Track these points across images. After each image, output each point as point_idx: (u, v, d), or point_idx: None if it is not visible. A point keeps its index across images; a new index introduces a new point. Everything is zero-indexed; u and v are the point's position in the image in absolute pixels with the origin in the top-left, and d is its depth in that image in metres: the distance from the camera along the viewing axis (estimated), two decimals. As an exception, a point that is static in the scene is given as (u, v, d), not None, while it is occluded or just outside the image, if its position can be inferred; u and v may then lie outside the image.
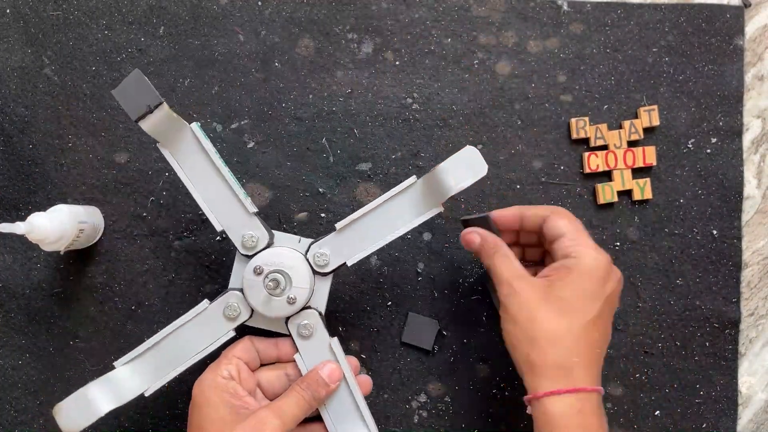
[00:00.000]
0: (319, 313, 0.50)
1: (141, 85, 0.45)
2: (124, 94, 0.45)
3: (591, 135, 0.57)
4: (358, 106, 0.57)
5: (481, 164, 0.45)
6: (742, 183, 0.58)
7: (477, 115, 0.57)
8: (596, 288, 0.45)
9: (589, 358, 0.44)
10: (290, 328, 0.49)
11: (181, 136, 0.48)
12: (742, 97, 0.58)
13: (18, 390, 0.56)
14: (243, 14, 0.57)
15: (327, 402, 0.48)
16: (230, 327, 0.49)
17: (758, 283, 0.58)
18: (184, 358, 0.48)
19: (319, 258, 0.49)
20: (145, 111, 0.45)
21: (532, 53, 0.57)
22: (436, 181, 0.46)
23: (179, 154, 0.48)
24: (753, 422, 0.58)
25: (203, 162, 0.48)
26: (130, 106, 0.45)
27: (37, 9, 0.57)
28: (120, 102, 0.45)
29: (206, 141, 0.48)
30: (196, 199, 0.48)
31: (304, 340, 0.49)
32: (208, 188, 0.48)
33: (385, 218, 0.48)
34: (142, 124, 0.45)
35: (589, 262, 0.45)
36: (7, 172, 0.57)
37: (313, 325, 0.49)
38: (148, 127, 0.46)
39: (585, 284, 0.45)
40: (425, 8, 0.57)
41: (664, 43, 0.57)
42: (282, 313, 0.48)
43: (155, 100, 0.45)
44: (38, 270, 0.56)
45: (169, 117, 0.46)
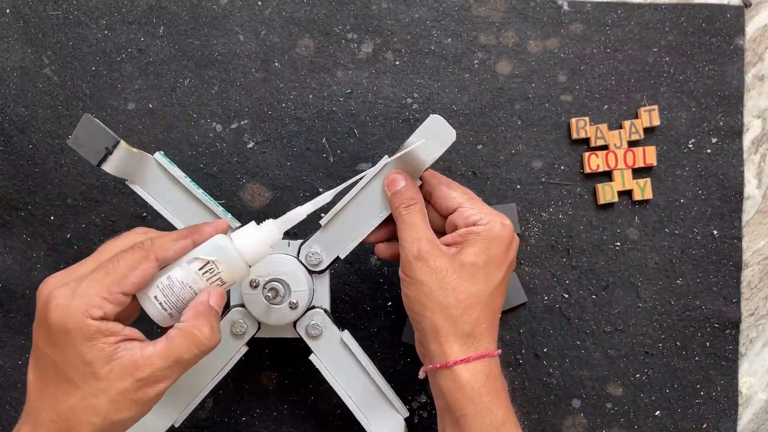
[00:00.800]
0: (324, 310, 0.50)
1: (94, 129, 0.44)
2: (79, 141, 0.44)
3: (591, 135, 0.57)
4: (358, 106, 0.57)
5: (449, 131, 0.45)
6: (742, 183, 0.58)
7: (477, 115, 0.57)
8: (503, 254, 0.45)
9: (493, 324, 0.45)
10: (299, 330, 0.50)
11: (148, 169, 0.47)
12: (742, 97, 0.58)
13: (18, 390, 0.56)
14: (243, 14, 0.57)
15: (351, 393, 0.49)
16: (241, 344, 0.50)
17: (758, 283, 0.58)
18: (202, 384, 0.49)
19: (312, 257, 0.49)
20: (105, 153, 0.44)
21: (533, 53, 0.57)
22: (407, 157, 0.46)
23: (149, 187, 0.48)
24: (753, 422, 0.58)
25: (175, 189, 0.48)
26: (88, 152, 0.44)
27: (37, 9, 0.57)
28: (77, 150, 0.44)
29: (173, 168, 0.47)
30: (177, 227, 0.48)
31: (315, 340, 0.49)
32: (185, 213, 0.48)
33: (367, 204, 0.48)
34: (104, 167, 0.44)
35: (497, 228, 0.45)
36: (7, 172, 0.57)
37: (321, 324, 0.49)
38: (111, 169, 0.45)
39: (494, 250, 0.44)
40: (425, 8, 0.57)
41: (664, 43, 0.57)
42: (286, 319, 0.48)
43: (111, 141, 0.44)
44: (38, 270, 0.56)
45: (129, 154, 0.45)
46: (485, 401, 0.42)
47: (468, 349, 0.43)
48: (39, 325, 0.38)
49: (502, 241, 0.45)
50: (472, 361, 0.43)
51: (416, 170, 0.46)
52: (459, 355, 0.43)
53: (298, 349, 0.51)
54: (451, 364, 0.43)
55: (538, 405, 0.57)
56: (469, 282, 0.43)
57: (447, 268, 0.43)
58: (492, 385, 0.43)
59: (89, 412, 0.36)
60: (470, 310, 0.43)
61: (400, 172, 0.46)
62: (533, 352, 0.57)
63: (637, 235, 0.57)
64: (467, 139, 0.57)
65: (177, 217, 0.48)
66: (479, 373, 0.43)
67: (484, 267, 0.44)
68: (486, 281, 0.44)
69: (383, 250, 0.49)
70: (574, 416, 0.57)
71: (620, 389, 0.57)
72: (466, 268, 0.43)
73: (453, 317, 0.43)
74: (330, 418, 0.57)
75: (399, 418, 0.49)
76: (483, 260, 0.44)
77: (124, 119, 0.57)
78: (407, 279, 0.44)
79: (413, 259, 0.44)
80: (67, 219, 0.56)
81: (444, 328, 0.43)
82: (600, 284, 0.57)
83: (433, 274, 0.43)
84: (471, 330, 0.43)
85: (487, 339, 0.44)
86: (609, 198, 0.57)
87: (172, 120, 0.57)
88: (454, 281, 0.43)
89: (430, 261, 0.43)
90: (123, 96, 0.57)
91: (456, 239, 0.45)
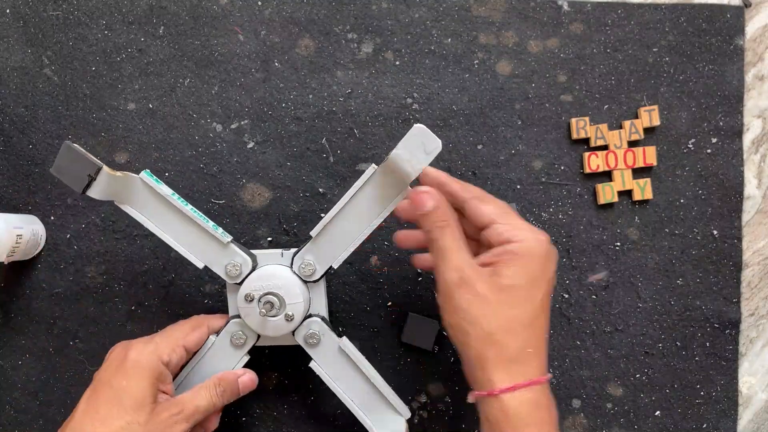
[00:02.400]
0: (321, 318, 0.50)
1: (76, 157, 0.44)
2: (61, 170, 0.44)
3: (591, 135, 0.57)
4: (358, 106, 0.57)
5: (434, 141, 0.43)
6: (742, 183, 0.58)
7: (477, 115, 0.57)
8: (541, 271, 0.43)
9: (539, 346, 0.42)
10: (297, 339, 0.50)
11: (135, 189, 0.47)
12: (742, 97, 0.58)
13: (18, 390, 0.56)
14: (243, 14, 0.57)
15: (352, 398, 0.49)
16: (242, 353, 0.50)
17: (759, 283, 0.58)
18: None
19: (305, 268, 0.48)
20: (88, 180, 0.44)
21: (533, 53, 0.57)
22: (393, 168, 0.45)
23: (139, 206, 0.48)
24: (753, 422, 0.58)
25: (164, 207, 0.48)
26: (72, 180, 0.44)
27: (37, 9, 0.57)
28: (60, 178, 0.44)
29: (160, 186, 0.47)
30: (171, 244, 0.48)
31: (314, 348, 0.50)
32: (177, 230, 0.48)
33: (357, 213, 0.47)
34: (90, 194, 0.44)
35: (533, 245, 0.42)
36: (7, 172, 0.57)
37: (319, 332, 0.49)
38: (97, 194, 0.45)
39: (531, 269, 0.42)
40: (425, 8, 0.57)
41: (664, 43, 0.57)
42: (283, 331, 0.49)
43: (93, 168, 0.44)
44: (38, 270, 0.56)
45: (113, 178, 0.45)
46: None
47: (514, 376, 0.41)
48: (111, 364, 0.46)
49: (539, 258, 0.42)
50: (519, 389, 0.41)
51: (403, 181, 0.45)
52: (505, 383, 0.41)
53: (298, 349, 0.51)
54: (497, 393, 0.40)
55: (538, 405, 0.57)
56: (509, 305, 0.41)
57: (488, 293, 0.41)
58: (540, 416, 0.41)
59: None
60: (514, 334, 0.41)
61: (427, 190, 0.44)
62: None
63: (637, 235, 0.57)
64: (467, 139, 0.57)
65: (168, 234, 0.48)
66: (526, 402, 0.40)
67: (524, 288, 0.42)
68: (528, 302, 0.42)
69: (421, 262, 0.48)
70: (574, 416, 0.57)
71: (620, 389, 0.57)
72: (506, 291, 0.41)
73: (497, 343, 0.41)
74: (330, 418, 0.57)
75: (401, 420, 0.49)
76: (522, 281, 0.42)
77: (124, 119, 0.57)
78: (448, 306, 0.42)
79: (454, 287, 0.42)
80: (67, 219, 0.56)
81: (488, 355, 0.41)
82: (600, 284, 0.57)
83: (475, 300, 0.41)
84: (516, 355, 0.41)
85: (535, 364, 0.42)
86: (609, 198, 0.57)
87: (172, 120, 0.57)
88: (495, 306, 0.41)
89: (471, 287, 0.41)
90: (123, 96, 0.57)
91: (492, 259, 0.43)
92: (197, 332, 0.49)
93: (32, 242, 0.54)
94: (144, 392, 0.44)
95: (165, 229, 0.48)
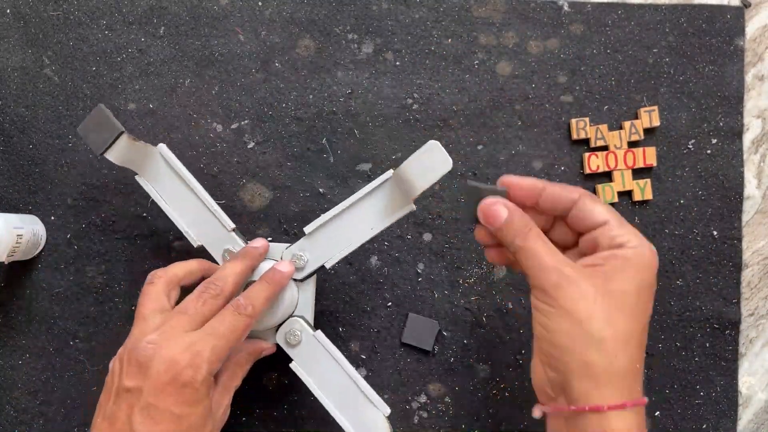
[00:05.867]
0: (303, 319, 0.50)
1: (102, 119, 0.47)
2: (87, 130, 0.48)
3: (591, 135, 0.57)
4: (358, 107, 0.57)
5: (445, 159, 0.43)
6: (742, 183, 0.58)
7: (477, 115, 0.57)
8: (650, 283, 0.39)
9: (643, 363, 0.39)
10: (278, 339, 0.50)
11: (151, 161, 0.49)
12: (742, 98, 0.58)
13: (18, 390, 0.56)
14: (243, 14, 0.57)
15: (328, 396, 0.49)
16: None
17: (758, 284, 0.58)
18: None
19: (297, 261, 0.48)
20: (109, 144, 0.47)
21: (533, 54, 0.57)
22: (401, 181, 0.45)
23: (151, 178, 0.49)
24: (753, 422, 0.58)
25: (176, 182, 0.49)
26: (94, 140, 0.47)
27: (37, 9, 0.57)
28: (84, 139, 0.48)
29: (176, 161, 0.49)
30: (173, 219, 0.49)
31: (293, 348, 0.49)
32: (184, 207, 0.49)
33: (359, 217, 0.47)
34: (108, 156, 0.48)
35: (646, 253, 0.38)
36: (7, 172, 0.57)
37: (299, 332, 0.49)
38: (114, 158, 0.48)
39: (641, 278, 0.38)
40: (426, 9, 0.57)
41: (664, 44, 0.57)
42: (266, 324, 0.48)
43: (115, 131, 0.47)
44: (38, 270, 0.56)
45: (132, 145, 0.48)
46: None
47: (621, 393, 0.37)
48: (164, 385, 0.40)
49: (652, 269, 0.39)
50: (629, 407, 0.37)
51: (409, 194, 0.45)
52: (613, 399, 0.36)
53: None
54: (605, 409, 0.36)
55: (538, 405, 0.57)
56: (621, 312, 0.37)
57: (596, 295, 0.37)
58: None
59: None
60: (627, 346, 0.37)
61: (497, 201, 0.40)
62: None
63: (637, 235, 0.57)
64: (467, 139, 0.57)
65: (174, 208, 0.49)
66: (632, 425, 0.37)
67: (634, 297, 0.38)
68: (640, 313, 0.38)
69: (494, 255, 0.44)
70: (574, 416, 0.57)
71: (620, 389, 0.57)
72: (616, 296, 0.37)
73: (609, 353, 0.37)
74: (330, 418, 0.57)
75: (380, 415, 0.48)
76: (634, 289, 0.38)
77: (124, 119, 0.57)
78: (548, 309, 0.38)
79: (553, 288, 0.38)
80: (67, 219, 0.56)
81: (597, 363, 0.36)
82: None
83: (581, 302, 0.37)
84: (627, 370, 0.37)
85: (639, 382, 0.38)
86: (609, 198, 0.57)
87: (173, 120, 0.57)
88: (605, 311, 0.37)
89: (576, 286, 0.37)
90: (123, 96, 0.57)
91: (598, 261, 0.39)
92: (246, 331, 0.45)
93: (32, 242, 0.54)
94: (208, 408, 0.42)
95: (172, 203, 0.49)
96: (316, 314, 0.55)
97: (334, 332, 0.57)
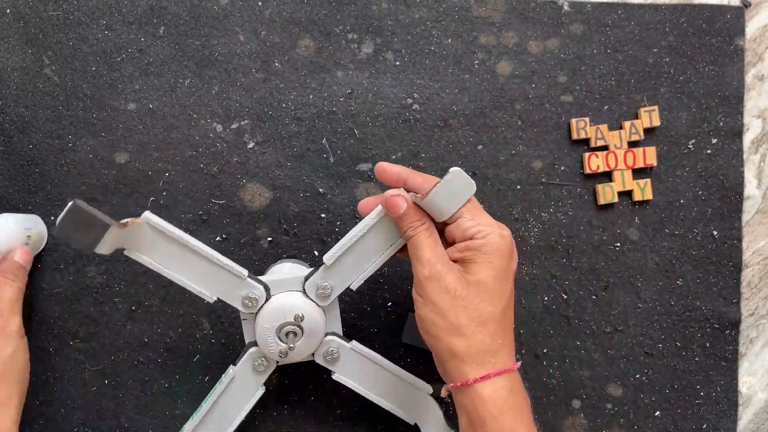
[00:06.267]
0: (337, 335, 0.50)
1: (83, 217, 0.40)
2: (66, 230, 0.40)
3: (591, 135, 0.57)
4: (358, 107, 0.57)
5: (470, 184, 0.44)
6: (742, 183, 0.58)
7: (477, 115, 0.57)
8: (507, 266, 0.44)
9: (509, 337, 0.44)
10: (317, 359, 0.50)
11: (142, 234, 0.45)
12: (742, 98, 0.58)
13: (18, 390, 0.56)
14: (243, 14, 0.57)
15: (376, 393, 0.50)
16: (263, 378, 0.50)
17: (758, 283, 0.58)
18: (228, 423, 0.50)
19: (321, 292, 0.48)
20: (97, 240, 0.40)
21: (533, 54, 0.57)
22: (430, 209, 0.45)
23: (147, 250, 0.45)
24: (753, 422, 0.58)
25: (174, 246, 0.45)
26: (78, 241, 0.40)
27: (37, 9, 0.57)
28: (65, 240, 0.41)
29: (167, 226, 0.45)
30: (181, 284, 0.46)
31: (334, 364, 0.50)
32: (189, 268, 0.46)
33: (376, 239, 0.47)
34: (98, 251, 0.41)
35: (497, 240, 0.43)
36: (7, 172, 0.56)
37: (337, 349, 0.50)
38: (105, 250, 0.42)
39: (498, 264, 0.43)
40: (426, 8, 0.57)
41: (664, 44, 0.57)
42: (304, 355, 0.49)
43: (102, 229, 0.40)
44: (38, 270, 0.56)
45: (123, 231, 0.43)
46: (507, 419, 0.42)
47: (486, 366, 0.42)
48: None
49: (503, 252, 0.44)
50: (493, 377, 0.42)
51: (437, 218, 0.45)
52: (478, 373, 0.42)
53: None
54: (471, 382, 0.42)
55: (538, 405, 0.57)
56: (479, 299, 0.43)
57: (457, 287, 0.43)
58: (514, 401, 0.42)
59: None
60: (484, 327, 0.42)
61: (398, 194, 0.45)
62: (533, 353, 0.57)
63: (637, 235, 0.57)
64: (467, 139, 0.57)
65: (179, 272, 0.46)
66: (501, 389, 0.42)
67: (493, 282, 0.43)
68: (497, 296, 0.43)
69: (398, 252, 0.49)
70: (574, 417, 0.57)
71: (620, 390, 0.57)
72: (473, 285, 0.43)
73: (466, 336, 0.42)
74: (330, 418, 0.57)
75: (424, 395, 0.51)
76: (490, 276, 0.43)
77: (124, 119, 0.57)
78: (420, 299, 0.44)
79: (425, 280, 0.43)
80: (67, 219, 0.56)
81: (459, 347, 0.42)
82: (600, 285, 0.57)
83: (444, 293, 0.43)
84: (487, 347, 0.42)
85: (505, 354, 0.43)
86: (609, 198, 0.57)
87: (173, 120, 0.57)
88: (465, 300, 0.42)
89: (442, 281, 0.43)
90: (123, 96, 0.57)
91: (457, 255, 0.44)
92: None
93: (38, 242, 0.55)
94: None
95: (174, 267, 0.46)
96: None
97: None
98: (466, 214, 0.44)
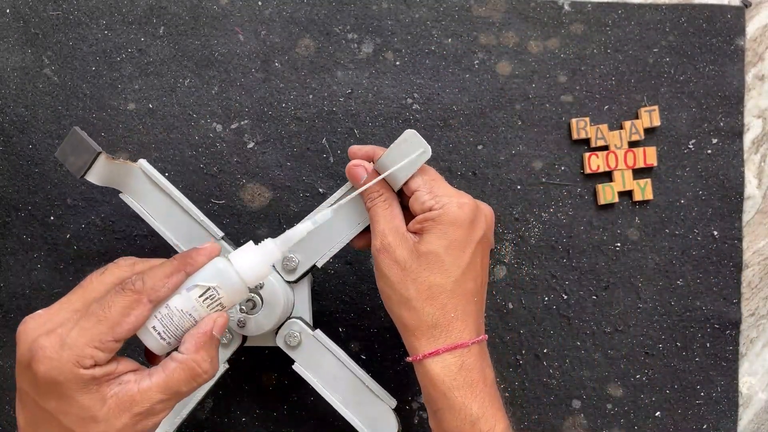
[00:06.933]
0: (301, 320, 0.50)
1: (78, 141, 0.46)
2: (65, 154, 0.46)
3: (592, 135, 0.57)
4: (358, 107, 0.57)
5: (425, 147, 0.43)
6: (742, 183, 0.58)
7: (477, 115, 0.57)
8: (465, 236, 0.43)
9: (465, 311, 0.43)
10: (278, 342, 0.49)
11: (133, 178, 0.48)
12: (743, 98, 0.58)
13: (18, 390, 0.56)
14: (243, 14, 0.57)
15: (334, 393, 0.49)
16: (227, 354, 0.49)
17: (759, 284, 0.58)
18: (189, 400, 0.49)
19: (289, 263, 0.48)
20: (87, 166, 0.46)
21: (533, 53, 0.57)
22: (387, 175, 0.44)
23: (136, 195, 0.49)
24: (754, 423, 0.58)
25: (161, 197, 0.49)
26: (72, 164, 0.46)
27: (37, 9, 0.57)
28: (63, 162, 0.47)
29: (158, 176, 0.48)
30: (162, 234, 0.49)
31: (294, 350, 0.49)
32: (172, 221, 0.49)
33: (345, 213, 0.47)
34: (88, 178, 0.46)
35: (453, 210, 0.42)
36: (7, 172, 0.57)
37: (299, 333, 0.49)
38: (95, 179, 0.47)
39: (452, 235, 0.42)
40: (426, 8, 0.57)
41: (664, 44, 0.57)
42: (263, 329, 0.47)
43: (92, 153, 0.46)
44: (38, 270, 0.56)
45: (112, 165, 0.47)
46: (457, 396, 0.41)
47: (436, 341, 0.42)
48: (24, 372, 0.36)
49: (460, 223, 0.42)
50: (442, 353, 0.41)
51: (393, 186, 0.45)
52: (427, 348, 0.42)
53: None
54: (420, 358, 0.42)
55: (538, 405, 0.57)
56: (429, 271, 0.42)
57: (407, 259, 0.42)
58: (465, 377, 0.41)
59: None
60: (433, 300, 0.42)
61: (359, 164, 0.45)
62: (533, 353, 0.57)
63: (637, 235, 0.57)
64: (467, 139, 0.57)
65: (161, 223, 0.49)
66: (450, 365, 0.41)
67: (445, 253, 0.42)
68: (449, 268, 0.42)
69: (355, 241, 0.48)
70: (574, 417, 0.57)
71: (620, 390, 0.57)
72: (424, 257, 0.42)
73: (415, 309, 0.42)
74: (330, 418, 0.57)
75: (387, 409, 0.49)
76: (443, 246, 0.42)
77: (124, 119, 0.57)
78: (376, 273, 0.44)
79: (377, 252, 0.43)
80: (67, 219, 0.56)
81: (409, 321, 0.42)
82: (600, 285, 0.57)
83: (395, 266, 0.42)
84: (436, 321, 0.42)
85: (459, 328, 0.42)
86: (609, 198, 0.57)
87: (172, 120, 0.57)
88: (414, 272, 0.42)
89: (392, 253, 0.42)
90: (123, 96, 0.57)
91: (415, 227, 0.43)
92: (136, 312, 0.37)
93: None
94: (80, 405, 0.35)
95: (159, 218, 0.49)
96: (316, 315, 0.55)
97: (334, 333, 0.57)
98: (423, 187, 0.44)
